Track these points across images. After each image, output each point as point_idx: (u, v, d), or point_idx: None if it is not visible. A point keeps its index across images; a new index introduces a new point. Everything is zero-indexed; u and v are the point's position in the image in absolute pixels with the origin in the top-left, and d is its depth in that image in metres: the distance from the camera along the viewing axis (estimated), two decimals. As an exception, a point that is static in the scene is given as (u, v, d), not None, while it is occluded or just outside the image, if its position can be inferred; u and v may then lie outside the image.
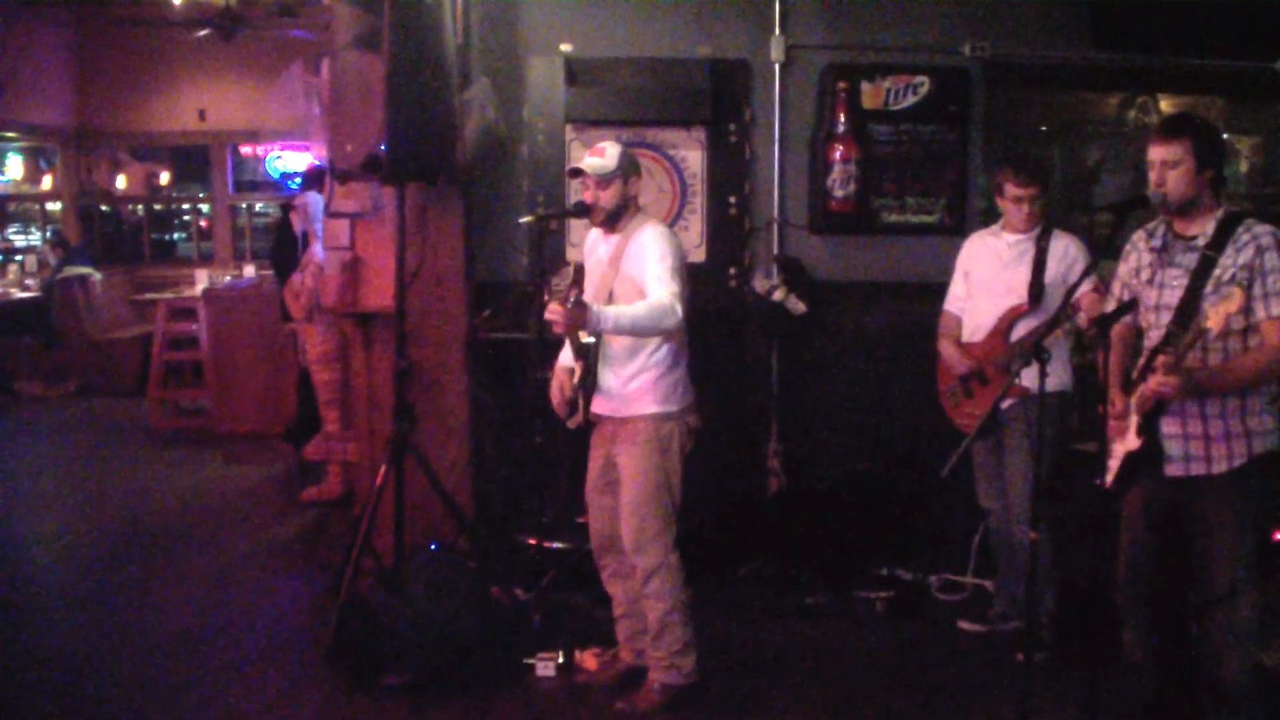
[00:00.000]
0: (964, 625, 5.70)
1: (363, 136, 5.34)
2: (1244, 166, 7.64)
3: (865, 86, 6.32)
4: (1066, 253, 5.33)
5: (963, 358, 5.52)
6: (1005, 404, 5.18)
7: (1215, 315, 3.65)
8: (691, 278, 4.79)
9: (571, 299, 4.34)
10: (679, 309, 4.48)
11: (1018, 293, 5.36)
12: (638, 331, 4.56)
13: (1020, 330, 5.34)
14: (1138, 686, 4.39)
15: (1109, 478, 4.25)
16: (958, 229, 6.35)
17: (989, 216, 6.26)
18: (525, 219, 5.21)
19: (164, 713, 4.89)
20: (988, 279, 5.49)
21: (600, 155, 4.70)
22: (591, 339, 4.67)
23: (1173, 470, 4.10)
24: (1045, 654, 5.17)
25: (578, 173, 4.75)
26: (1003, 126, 6.73)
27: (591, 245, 4.95)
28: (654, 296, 4.50)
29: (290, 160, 13.02)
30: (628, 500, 4.72)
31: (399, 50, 5.21)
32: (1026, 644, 4.31)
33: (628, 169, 4.71)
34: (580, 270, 4.42)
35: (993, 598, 5.79)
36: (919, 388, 6.19)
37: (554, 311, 4.41)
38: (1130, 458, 4.17)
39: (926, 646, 5.53)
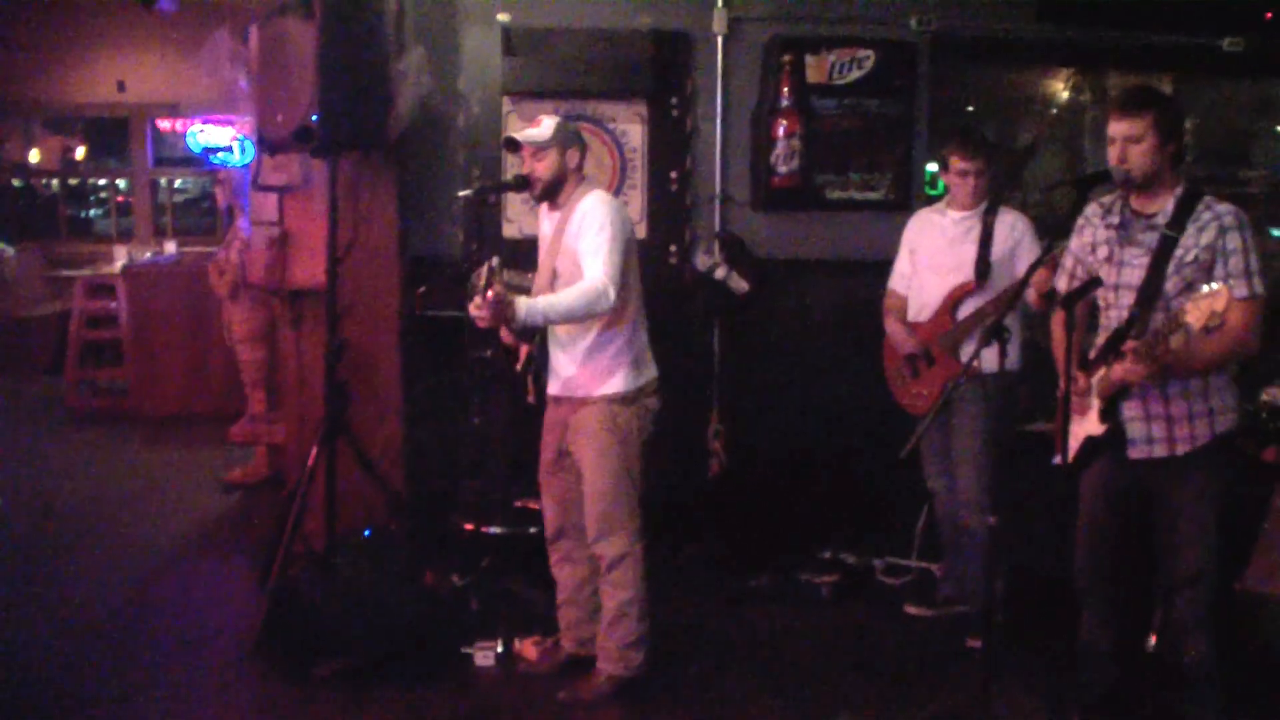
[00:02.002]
0: (910, 610, 5.61)
1: (293, 106, 5.13)
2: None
3: (810, 60, 6.21)
4: (1013, 228, 5.25)
5: (909, 337, 5.43)
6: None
7: (1197, 311, 3.52)
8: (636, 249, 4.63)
9: (491, 295, 4.14)
10: (612, 291, 4.29)
11: (964, 270, 5.27)
12: (570, 320, 4.41)
13: (968, 308, 5.26)
14: (1096, 670, 4.32)
15: (1067, 457, 4.18)
16: (903, 205, 6.29)
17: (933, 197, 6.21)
18: (464, 193, 5.06)
19: (82, 708, 4.65)
20: (934, 257, 5.40)
21: (537, 126, 4.55)
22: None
23: (1135, 453, 4.03)
24: (993, 638, 5.09)
25: (512, 143, 4.59)
26: (949, 101, 6.65)
27: (540, 220, 4.78)
28: (586, 278, 4.33)
29: (213, 134, 12.66)
30: (589, 490, 4.57)
31: (332, 16, 5.02)
32: (984, 629, 4.23)
33: (565, 140, 4.53)
34: (493, 270, 4.22)
35: (938, 581, 5.72)
36: (863, 367, 6.10)
37: (476, 309, 4.22)
38: (1090, 440, 4.09)
39: (875, 631, 5.45)
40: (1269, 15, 6.26)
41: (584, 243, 4.39)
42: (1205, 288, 3.55)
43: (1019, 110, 8.35)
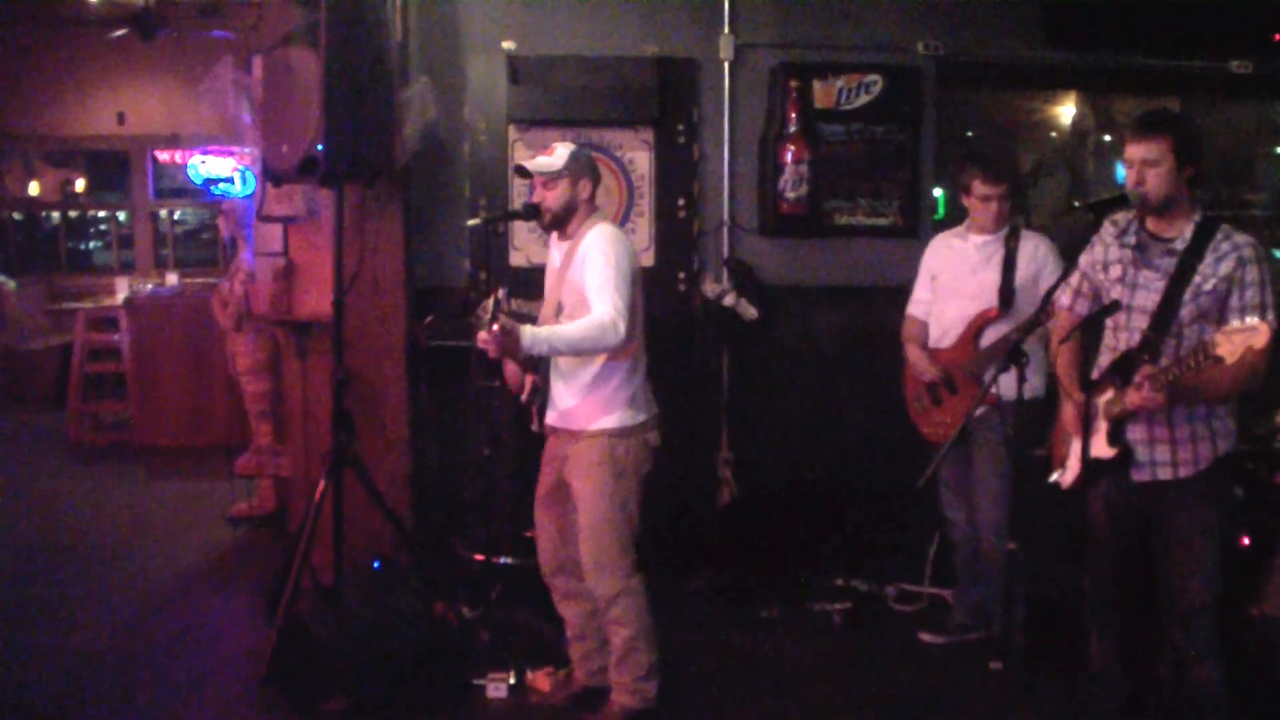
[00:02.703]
0: (924, 637, 5.55)
1: (298, 137, 5.09)
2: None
3: (817, 85, 6.18)
4: (1036, 253, 5.18)
5: (930, 365, 5.36)
6: (978, 413, 5.02)
7: (1230, 344, 3.49)
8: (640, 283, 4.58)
9: (497, 327, 4.11)
10: (621, 326, 4.24)
11: (987, 297, 5.19)
12: (576, 352, 4.36)
13: (990, 336, 5.18)
14: (1104, 695, 4.28)
15: (1068, 477, 4.15)
16: (911, 231, 6.27)
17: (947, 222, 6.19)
18: (472, 221, 5.04)
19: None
20: (955, 282, 5.32)
21: (549, 154, 4.51)
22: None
23: (1139, 476, 4.02)
24: (1014, 661, 5.01)
25: (523, 171, 4.55)
26: (956, 126, 6.63)
27: (550, 249, 4.74)
28: (594, 313, 4.28)
29: (214, 165, 12.65)
30: (584, 525, 4.51)
31: (337, 46, 4.96)
32: (1005, 654, 4.19)
33: (577, 170, 4.49)
34: (499, 301, 4.18)
35: (951, 608, 5.66)
36: (872, 393, 6.10)
37: (483, 340, 4.18)
38: (1095, 462, 4.05)
39: (890, 660, 5.38)
40: (1277, 37, 6.23)
41: (590, 278, 4.34)
42: (1236, 321, 3.53)
43: (1023, 134, 8.34)
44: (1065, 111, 8.24)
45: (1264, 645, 4.64)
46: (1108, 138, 8.41)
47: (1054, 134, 8.49)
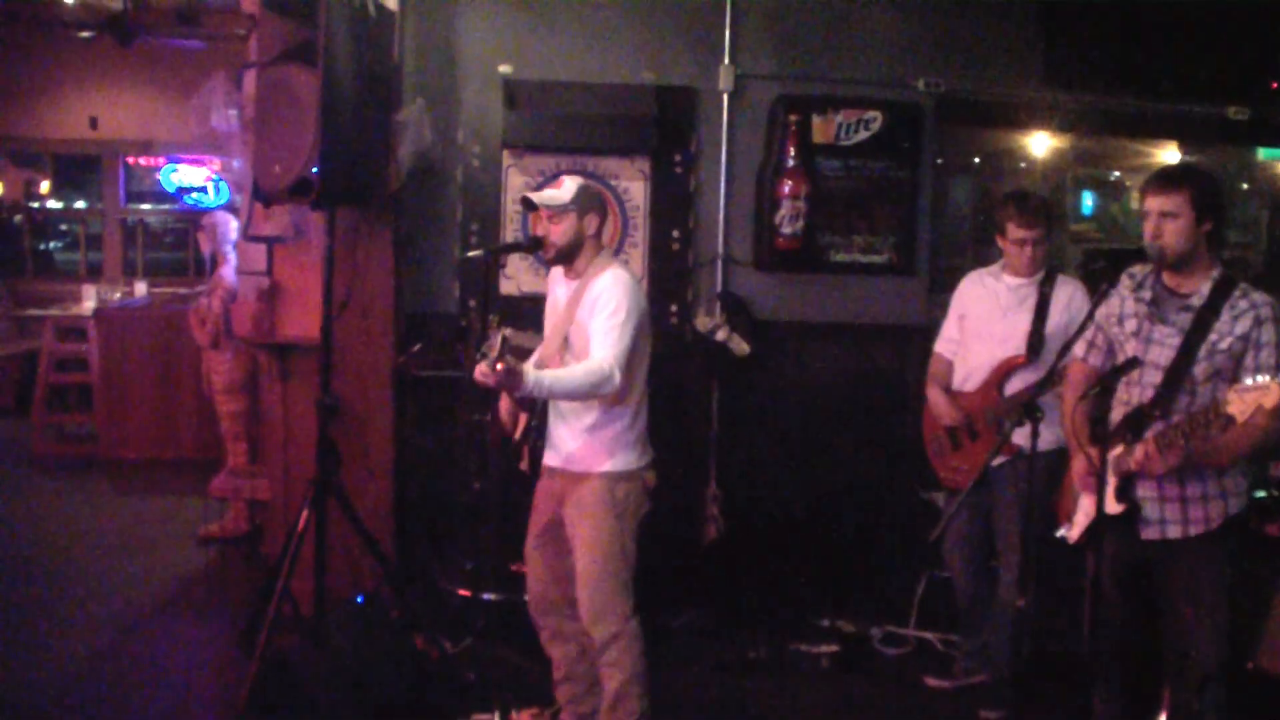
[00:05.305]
0: (931, 682, 5.45)
1: (292, 157, 4.98)
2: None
3: (816, 120, 6.12)
4: (1071, 302, 4.99)
5: (951, 407, 5.20)
6: (996, 462, 4.90)
7: (1241, 403, 3.44)
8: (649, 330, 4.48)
9: (502, 366, 3.98)
10: (617, 377, 4.15)
11: (1015, 343, 5.04)
12: (573, 397, 4.27)
13: (1016, 384, 5.01)
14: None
15: (1075, 532, 4.09)
16: (907, 269, 6.21)
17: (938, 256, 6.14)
18: (474, 253, 4.93)
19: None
20: (984, 324, 5.15)
21: (557, 187, 4.40)
22: None
23: (1148, 533, 3.97)
24: (1003, 713, 4.94)
25: (529, 203, 4.44)
26: (954, 163, 6.60)
27: (552, 283, 4.63)
28: (593, 359, 4.19)
29: (187, 174, 12.51)
30: (582, 568, 4.39)
31: (335, 66, 4.86)
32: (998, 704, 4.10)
33: (585, 205, 4.38)
34: (507, 343, 4.07)
35: (957, 655, 5.54)
36: (863, 433, 6.01)
37: (483, 374, 4.06)
38: (1101, 516, 3.99)
39: (880, 705, 5.31)
40: (1275, 85, 6.24)
41: (596, 323, 4.25)
42: (1250, 380, 3.48)
43: (1001, 165, 8.32)
44: (1036, 143, 8.21)
45: (1257, 699, 4.61)
46: (1083, 171, 8.45)
47: (1023, 164, 8.48)
